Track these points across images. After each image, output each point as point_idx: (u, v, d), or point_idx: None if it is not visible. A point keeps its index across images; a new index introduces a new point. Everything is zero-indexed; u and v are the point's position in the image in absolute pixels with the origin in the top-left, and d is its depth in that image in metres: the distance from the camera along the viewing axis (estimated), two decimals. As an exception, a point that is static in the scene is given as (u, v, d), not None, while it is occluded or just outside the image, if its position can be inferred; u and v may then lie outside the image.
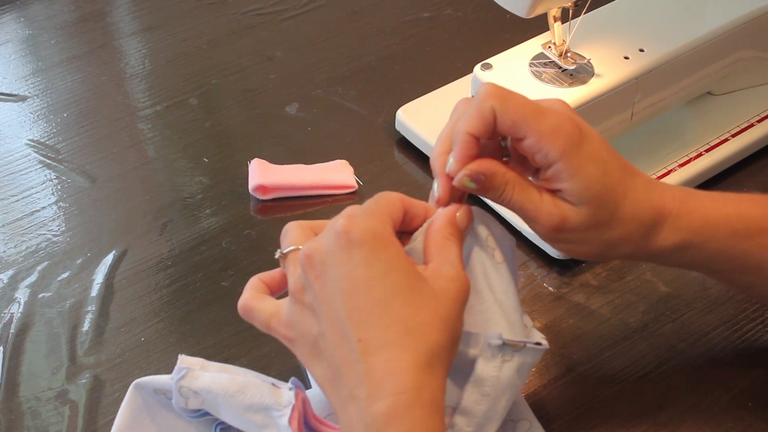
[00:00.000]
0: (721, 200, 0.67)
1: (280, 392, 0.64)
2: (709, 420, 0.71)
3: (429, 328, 0.56)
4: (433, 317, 0.56)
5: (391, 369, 0.55)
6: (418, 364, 0.55)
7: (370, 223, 0.57)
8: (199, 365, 0.66)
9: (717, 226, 0.65)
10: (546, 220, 0.63)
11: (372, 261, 0.56)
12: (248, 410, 0.64)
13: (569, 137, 0.61)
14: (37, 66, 1.04)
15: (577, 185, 0.62)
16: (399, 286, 0.56)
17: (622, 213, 0.63)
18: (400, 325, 0.56)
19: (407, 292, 0.56)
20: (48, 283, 0.81)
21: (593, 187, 0.62)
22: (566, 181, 0.62)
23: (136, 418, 0.68)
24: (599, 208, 0.63)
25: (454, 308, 0.57)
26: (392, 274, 0.56)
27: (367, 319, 0.56)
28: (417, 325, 0.56)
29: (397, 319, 0.56)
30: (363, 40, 1.06)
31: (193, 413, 0.67)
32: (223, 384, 0.64)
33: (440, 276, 0.58)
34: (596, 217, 0.63)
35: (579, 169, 0.62)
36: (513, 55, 0.85)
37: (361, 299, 0.56)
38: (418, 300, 0.56)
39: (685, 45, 0.85)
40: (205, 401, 0.65)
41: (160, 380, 0.67)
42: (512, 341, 0.61)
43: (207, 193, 0.89)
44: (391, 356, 0.55)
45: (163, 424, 0.68)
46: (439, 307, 0.57)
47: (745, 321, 0.77)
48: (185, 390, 0.65)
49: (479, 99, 0.62)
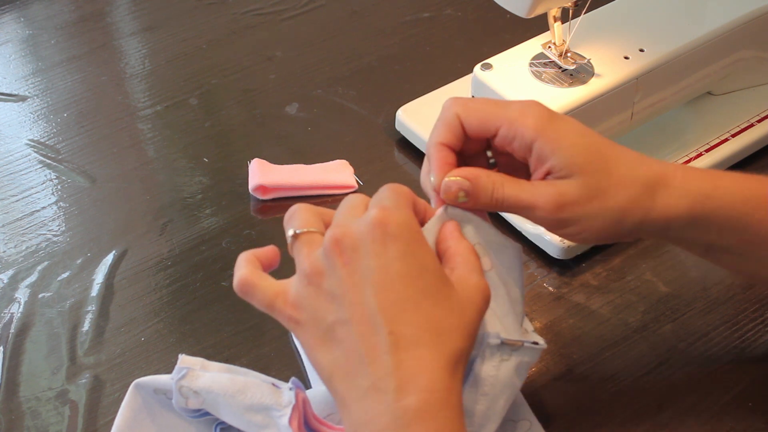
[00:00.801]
0: (727, 173, 0.66)
1: (281, 392, 0.64)
2: (709, 420, 0.71)
3: (456, 334, 0.57)
4: (459, 323, 0.57)
5: (423, 366, 0.55)
6: (448, 366, 0.56)
7: (406, 217, 0.58)
8: (200, 365, 0.66)
9: (730, 189, 0.63)
10: (544, 202, 0.62)
11: (408, 257, 0.57)
12: (248, 410, 0.64)
13: (539, 115, 0.62)
14: (37, 66, 1.04)
15: (562, 157, 0.61)
16: (432, 287, 0.57)
17: (619, 175, 0.62)
18: (432, 325, 0.56)
19: (438, 295, 0.57)
20: (48, 283, 0.81)
21: (579, 155, 0.62)
22: (550, 157, 0.61)
23: (136, 418, 0.68)
24: (592, 174, 0.62)
25: (477, 317, 0.58)
26: (426, 274, 0.57)
27: (400, 315, 0.56)
28: (446, 329, 0.56)
29: (430, 320, 0.56)
30: (363, 40, 1.06)
31: (194, 413, 0.67)
32: (223, 384, 0.64)
33: (468, 284, 0.58)
34: (592, 183, 0.62)
35: (558, 140, 0.61)
36: (513, 55, 0.85)
37: (394, 294, 0.56)
38: (447, 304, 0.57)
39: (685, 45, 0.85)
40: (206, 401, 0.65)
41: (160, 380, 0.67)
42: (510, 340, 0.61)
43: (207, 193, 0.89)
44: (423, 355, 0.55)
45: (163, 424, 0.68)
46: (464, 315, 0.57)
47: (745, 321, 0.77)
48: (185, 390, 0.65)
49: (443, 110, 0.63)
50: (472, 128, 0.62)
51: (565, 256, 0.82)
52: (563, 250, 0.81)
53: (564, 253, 0.81)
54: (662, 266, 0.82)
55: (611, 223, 0.63)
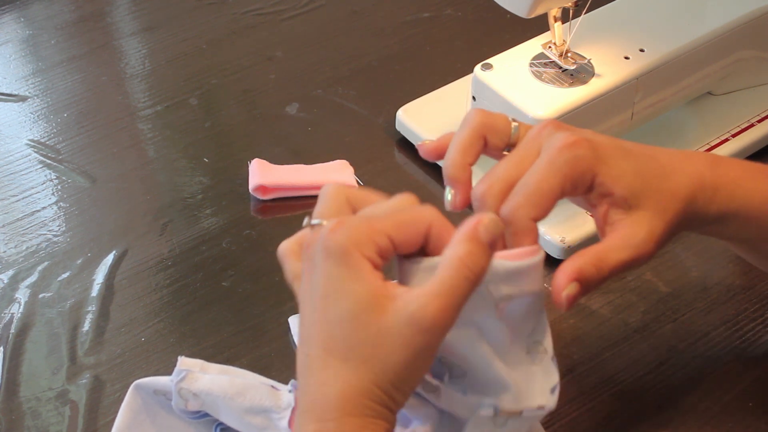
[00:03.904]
0: (755, 169, 0.65)
1: (280, 395, 0.64)
2: (709, 420, 0.71)
3: (365, 366, 0.52)
4: (373, 354, 0.52)
5: (322, 394, 0.53)
6: (345, 397, 0.52)
7: (347, 239, 0.53)
8: (199, 367, 0.66)
9: (752, 190, 0.63)
10: (645, 249, 0.59)
11: (332, 279, 0.53)
12: (248, 412, 0.64)
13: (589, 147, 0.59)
14: (37, 66, 1.04)
15: (623, 188, 0.59)
16: (350, 312, 0.52)
17: (670, 191, 0.61)
18: (342, 353, 0.53)
19: (355, 322, 0.53)
20: (48, 283, 0.81)
21: (636, 181, 0.60)
22: (614, 190, 0.59)
23: (136, 418, 0.68)
24: (652, 196, 0.60)
25: (401, 350, 0.52)
26: (348, 297, 0.53)
27: (316, 336, 0.54)
28: (354, 358, 0.53)
29: (341, 347, 0.53)
30: (363, 40, 1.06)
31: (193, 414, 0.67)
32: (222, 386, 0.64)
33: (401, 314, 0.52)
34: (658, 206, 0.60)
35: (611, 170, 0.59)
36: (513, 55, 0.85)
37: (317, 313, 0.53)
38: (364, 334, 0.52)
39: (686, 45, 0.85)
40: (205, 403, 0.65)
41: (159, 381, 0.67)
42: (507, 411, 0.56)
43: (207, 193, 0.89)
44: (325, 380, 0.53)
45: (163, 424, 0.68)
46: (382, 346, 0.52)
47: (745, 321, 0.77)
48: (185, 392, 0.65)
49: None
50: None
51: (566, 257, 0.82)
52: (563, 250, 0.81)
53: (564, 253, 0.81)
54: (662, 266, 0.82)
55: (675, 234, 0.62)
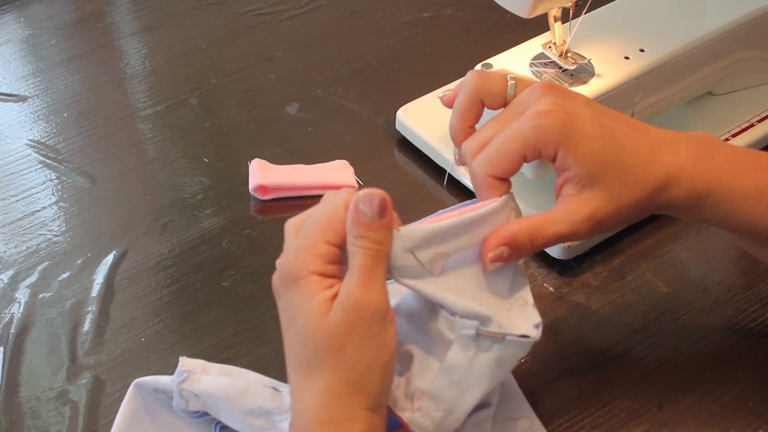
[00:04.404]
0: (735, 157, 0.65)
1: (281, 396, 0.64)
2: (709, 420, 0.71)
3: (327, 369, 0.57)
4: (327, 354, 0.57)
5: (299, 412, 0.57)
6: (316, 407, 0.57)
7: (291, 265, 0.58)
8: (200, 368, 0.66)
9: (732, 184, 0.64)
10: (582, 226, 0.62)
11: (288, 305, 0.59)
12: (249, 414, 0.64)
13: (557, 122, 0.62)
14: (37, 66, 1.04)
15: (582, 167, 0.62)
16: (303, 328, 0.57)
17: (635, 179, 0.63)
18: (303, 367, 0.57)
19: (307, 336, 0.57)
20: (48, 283, 0.81)
21: (596, 164, 0.62)
22: (572, 167, 0.62)
23: (136, 417, 0.68)
24: (611, 182, 0.62)
25: (341, 339, 0.57)
26: (300, 316, 0.58)
27: (287, 361, 0.59)
28: (317, 366, 0.57)
29: (303, 362, 0.58)
30: (363, 40, 1.06)
31: (193, 414, 0.67)
32: (224, 388, 0.64)
33: (336, 308, 0.57)
34: (614, 191, 0.62)
35: (576, 149, 0.62)
36: (513, 55, 0.85)
37: (285, 340, 0.59)
38: (314, 344, 0.57)
39: (686, 45, 0.85)
40: (206, 404, 0.65)
41: (160, 381, 0.67)
42: (489, 332, 0.60)
43: (207, 193, 0.89)
44: (300, 398, 0.57)
45: (163, 423, 0.68)
46: (333, 344, 0.57)
47: (745, 321, 0.77)
48: (186, 393, 0.65)
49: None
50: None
51: (566, 257, 0.82)
52: (563, 250, 0.81)
53: (564, 253, 0.81)
54: (662, 266, 0.82)
55: (629, 219, 0.65)
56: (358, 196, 0.58)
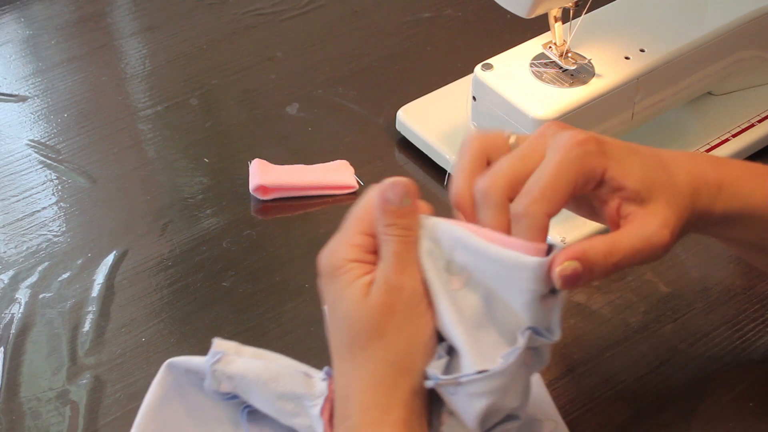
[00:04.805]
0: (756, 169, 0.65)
1: (313, 382, 0.65)
2: (710, 420, 0.71)
3: (371, 351, 0.58)
4: (371, 336, 0.58)
5: (343, 397, 0.59)
6: (360, 391, 0.58)
7: (330, 255, 0.60)
8: (234, 350, 0.66)
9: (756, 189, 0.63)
10: (659, 239, 0.59)
11: (331, 295, 0.60)
12: (280, 398, 0.65)
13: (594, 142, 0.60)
14: (37, 66, 1.04)
15: (634, 181, 0.59)
16: (345, 312, 0.59)
17: (682, 184, 0.61)
18: (347, 352, 0.59)
19: (350, 320, 0.59)
20: (48, 283, 0.81)
21: (647, 175, 0.60)
22: (625, 184, 0.59)
23: (167, 396, 0.69)
24: (664, 190, 0.60)
25: (390, 322, 0.58)
26: (342, 302, 0.59)
27: (332, 348, 0.61)
28: (359, 349, 0.58)
29: (347, 347, 0.59)
30: (363, 40, 1.06)
31: (224, 396, 0.67)
32: (257, 371, 0.65)
33: (374, 292, 0.59)
34: (670, 199, 0.60)
35: (621, 164, 0.60)
36: (513, 56, 0.85)
37: (329, 329, 0.61)
38: (357, 326, 0.59)
39: (686, 45, 0.85)
40: (238, 386, 0.66)
41: (193, 361, 0.68)
42: (445, 381, 0.58)
43: (207, 193, 0.89)
44: (344, 383, 0.59)
45: (193, 403, 0.69)
46: (378, 326, 0.58)
47: (746, 321, 0.77)
48: (219, 374, 0.66)
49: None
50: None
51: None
52: (564, 250, 0.81)
53: (564, 253, 0.81)
54: (663, 266, 0.82)
55: (685, 229, 0.62)
56: (383, 186, 0.60)
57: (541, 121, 0.79)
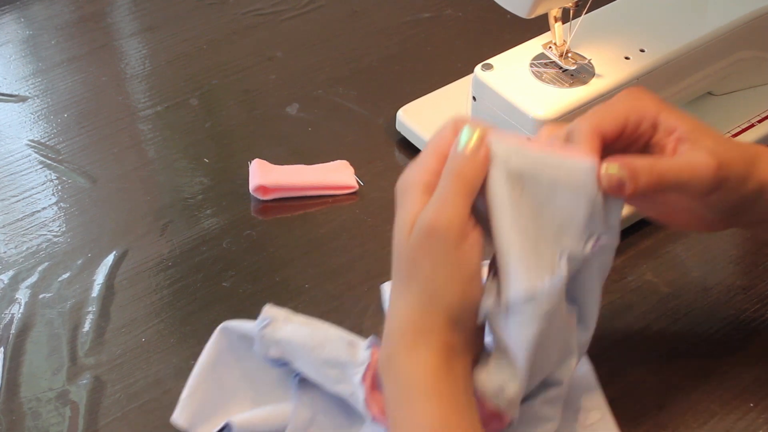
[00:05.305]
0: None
1: (357, 351, 0.66)
2: (710, 420, 0.71)
3: (405, 284, 0.61)
4: (410, 278, 0.60)
5: (389, 320, 0.62)
6: (401, 328, 0.60)
7: (404, 180, 0.62)
8: (283, 317, 0.68)
9: None
10: (704, 162, 0.61)
11: (397, 214, 0.62)
12: (325, 365, 0.66)
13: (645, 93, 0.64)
14: (37, 66, 1.04)
15: (687, 122, 0.63)
16: (397, 239, 0.61)
17: (725, 139, 0.65)
18: (397, 284, 0.62)
19: (397, 251, 0.61)
20: (48, 283, 0.81)
21: (696, 123, 0.64)
22: (679, 124, 0.63)
23: (221, 357, 0.71)
24: (715, 139, 0.64)
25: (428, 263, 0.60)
26: (397, 226, 0.61)
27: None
28: (402, 286, 0.61)
29: (394, 277, 0.62)
30: (363, 41, 1.06)
31: (275, 362, 0.69)
32: (303, 337, 0.67)
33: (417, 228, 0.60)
34: (720, 145, 0.63)
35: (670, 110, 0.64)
36: (513, 56, 0.85)
37: None
38: (397, 262, 0.61)
39: (686, 45, 0.85)
40: (285, 351, 0.67)
41: (245, 326, 0.70)
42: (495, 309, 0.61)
43: (207, 193, 0.89)
44: (391, 313, 0.62)
45: (247, 366, 0.70)
46: (415, 267, 0.60)
47: (746, 321, 0.77)
48: (267, 339, 0.67)
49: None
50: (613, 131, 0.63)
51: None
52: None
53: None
54: (663, 267, 0.82)
55: (733, 183, 0.63)
56: (460, 125, 0.61)
57: (541, 121, 0.79)
